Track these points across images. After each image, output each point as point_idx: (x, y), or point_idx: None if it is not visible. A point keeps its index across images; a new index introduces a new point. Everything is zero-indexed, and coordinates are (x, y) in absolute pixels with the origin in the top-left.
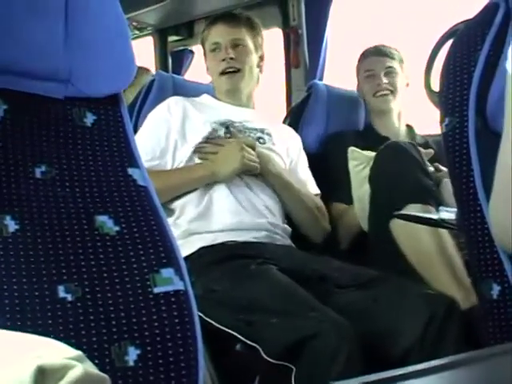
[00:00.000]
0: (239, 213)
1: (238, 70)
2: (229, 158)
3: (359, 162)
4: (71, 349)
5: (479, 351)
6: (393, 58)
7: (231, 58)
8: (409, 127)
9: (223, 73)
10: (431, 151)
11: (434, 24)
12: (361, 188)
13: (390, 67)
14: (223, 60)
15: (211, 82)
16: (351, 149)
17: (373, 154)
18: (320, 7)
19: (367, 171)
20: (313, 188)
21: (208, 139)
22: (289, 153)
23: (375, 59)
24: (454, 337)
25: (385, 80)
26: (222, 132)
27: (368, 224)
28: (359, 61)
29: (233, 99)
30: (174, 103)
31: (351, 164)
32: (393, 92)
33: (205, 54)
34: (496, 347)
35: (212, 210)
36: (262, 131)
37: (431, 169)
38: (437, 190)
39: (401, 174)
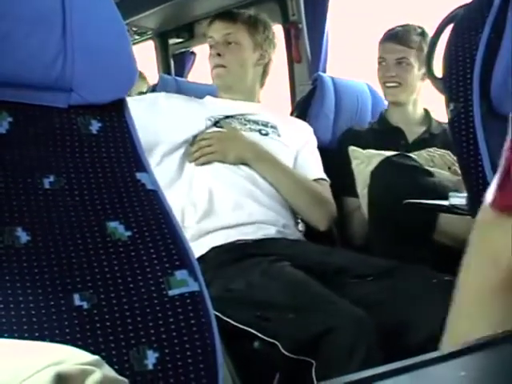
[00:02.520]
0: (244, 205)
1: (225, 67)
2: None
3: (360, 161)
4: (89, 354)
5: (494, 335)
6: (409, 47)
7: (218, 54)
8: (426, 112)
9: (213, 69)
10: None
11: (436, 10)
12: (365, 188)
13: (402, 58)
14: (213, 57)
15: None
16: (351, 148)
17: (371, 152)
18: (319, 0)
19: (369, 169)
20: (317, 173)
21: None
22: (295, 141)
23: (389, 46)
24: None
25: (393, 72)
26: (213, 129)
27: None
28: (378, 43)
29: (231, 95)
30: (162, 96)
31: (354, 163)
32: (401, 84)
33: None
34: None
35: (215, 206)
36: (266, 124)
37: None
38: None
39: (406, 185)
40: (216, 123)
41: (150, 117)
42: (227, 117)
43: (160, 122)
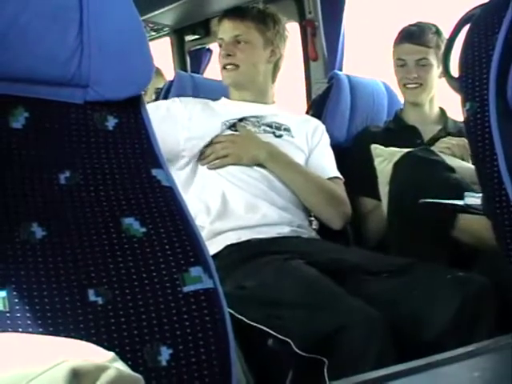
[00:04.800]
0: (258, 207)
1: (236, 66)
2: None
3: (383, 158)
4: (104, 350)
5: (507, 336)
6: (428, 47)
7: (229, 55)
8: (442, 111)
9: (223, 68)
10: (464, 141)
11: (453, 9)
12: (388, 184)
13: (422, 58)
14: (224, 56)
15: None
16: (373, 146)
17: (393, 149)
18: None
19: (390, 167)
20: (331, 171)
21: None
22: (308, 142)
23: (408, 47)
24: (488, 319)
25: (414, 73)
26: (227, 132)
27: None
28: (394, 44)
29: (244, 94)
30: (179, 101)
31: (376, 161)
32: (422, 85)
33: None
34: None
35: (229, 208)
36: (279, 127)
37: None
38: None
39: (427, 180)
40: (231, 127)
41: (169, 126)
42: (241, 119)
43: (178, 131)
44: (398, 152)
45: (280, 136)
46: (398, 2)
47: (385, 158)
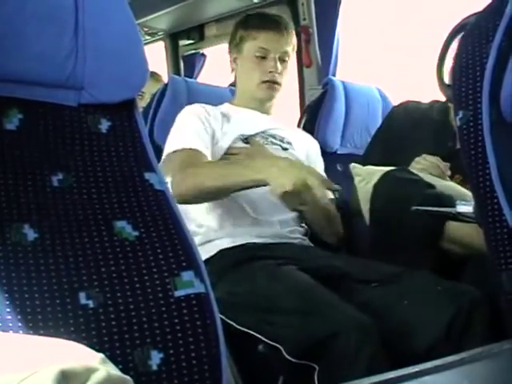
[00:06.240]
0: (258, 225)
1: (280, 85)
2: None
3: (362, 178)
4: (94, 352)
5: (499, 344)
6: None
7: (279, 73)
8: None
9: (266, 82)
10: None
11: (446, 17)
12: (367, 204)
13: None
14: (270, 72)
15: (231, 85)
16: (353, 165)
17: (372, 168)
18: (330, 4)
19: (370, 186)
20: (328, 192)
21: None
22: (307, 158)
23: None
24: (480, 330)
25: None
26: (240, 143)
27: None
28: None
29: (257, 107)
30: (210, 108)
31: (356, 180)
32: None
33: (235, 53)
34: None
35: (226, 227)
36: (282, 139)
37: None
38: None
39: (408, 195)
40: (244, 139)
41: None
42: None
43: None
44: (377, 171)
45: (286, 149)
46: (394, 8)
47: (363, 178)
